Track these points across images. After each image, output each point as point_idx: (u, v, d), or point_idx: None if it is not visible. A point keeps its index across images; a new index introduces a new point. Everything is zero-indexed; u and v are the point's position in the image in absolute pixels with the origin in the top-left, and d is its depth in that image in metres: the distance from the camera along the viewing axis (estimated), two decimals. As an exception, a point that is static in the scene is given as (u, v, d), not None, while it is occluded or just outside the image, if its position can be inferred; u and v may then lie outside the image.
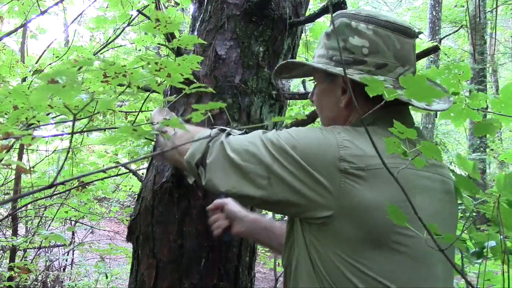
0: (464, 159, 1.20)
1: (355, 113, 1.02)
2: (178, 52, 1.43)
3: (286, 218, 1.27)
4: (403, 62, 1.00)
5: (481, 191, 1.03)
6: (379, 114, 0.95)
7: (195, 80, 1.34)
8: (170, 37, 1.30)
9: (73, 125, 0.72)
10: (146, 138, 1.11)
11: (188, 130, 1.00)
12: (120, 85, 0.78)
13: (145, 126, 0.87)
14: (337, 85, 1.03)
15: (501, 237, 1.10)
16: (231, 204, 1.33)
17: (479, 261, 1.47)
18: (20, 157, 3.87)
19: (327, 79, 1.05)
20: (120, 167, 2.47)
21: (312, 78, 1.17)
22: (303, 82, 1.31)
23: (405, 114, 1.04)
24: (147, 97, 0.93)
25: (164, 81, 0.84)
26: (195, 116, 0.90)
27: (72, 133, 0.73)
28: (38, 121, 0.73)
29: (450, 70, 1.40)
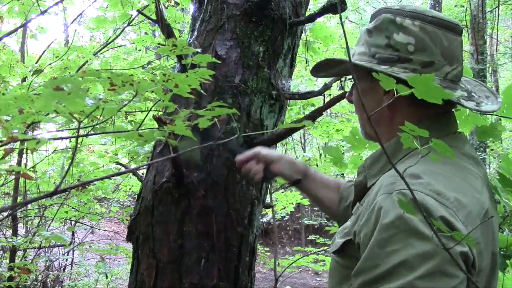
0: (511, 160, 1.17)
1: (399, 116, 0.95)
2: (183, 68, 1.43)
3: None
4: (451, 60, 0.95)
5: None
6: (431, 123, 0.92)
7: (202, 91, 1.33)
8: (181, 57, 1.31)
9: (78, 131, 0.72)
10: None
11: (194, 139, 0.94)
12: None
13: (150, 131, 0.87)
14: (379, 85, 0.97)
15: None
16: (264, 149, 1.33)
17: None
18: (20, 157, 3.87)
19: (369, 78, 0.98)
20: (120, 167, 2.47)
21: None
22: (341, 82, 1.27)
23: (453, 119, 0.98)
24: (154, 104, 0.93)
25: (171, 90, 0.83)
26: (202, 122, 0.90)
27: (77, 136, 0.73)
28: (40, 121, 0.73)
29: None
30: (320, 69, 1.12)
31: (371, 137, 1.08)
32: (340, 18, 0.67)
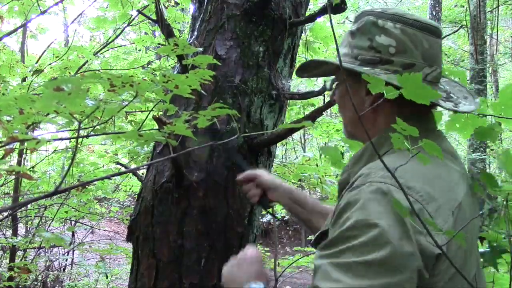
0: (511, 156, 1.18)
1: (381, 115, 0.98)
2: (184, 68, 1.43)
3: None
4: (431, 62, 0.97)
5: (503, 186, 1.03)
6: (410, 121, 0.93)
7: (202, 91, 1.33)
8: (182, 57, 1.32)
9: (78, 132, 0.72)
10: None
11: (194, 138, 0.94)
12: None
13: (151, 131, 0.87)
14: (361, 86, 0.97)
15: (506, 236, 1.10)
16: (265, 174, 1.34)
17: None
18: (20, 157, 3.87)
19: (351, 79, 1.00)
20: (120, 167, 2.47)
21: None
22: (325, 83, 1.29)
23: (432, 118, 1.01)
24: (155, 105, 0.92)
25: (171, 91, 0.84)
26: (201, 122, 0.90)
27: (78, 137, 0.73)
28: (40, 122, 0.74)
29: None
30: (304, 70, 1.14)
31: (353, 136, 1.10)
32: (330, 20, 0.68)
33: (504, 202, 1.04)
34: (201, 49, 1.52)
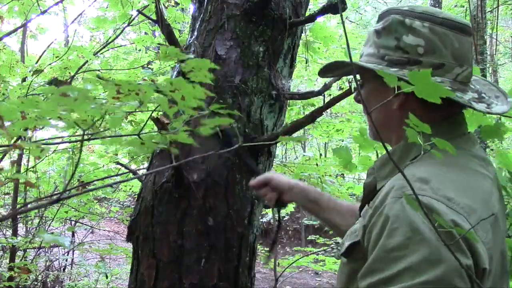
0: (505, 154, 1.15)
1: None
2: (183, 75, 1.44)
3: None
4: (461, 62, 0.93)
5: None
6: (441, 125, 0.90)
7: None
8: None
9: (82, 141, 0.72)
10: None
11: (195, 144, 0.95)
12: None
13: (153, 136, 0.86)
14: (389, 87, 0.92)
15: None
16: (277, 176, 1.32)
17: None
18: (20, 157, 3.87)
19: (378, 79, 0.95)
20: (120, 167, 2.48)
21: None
22: (349, 82, 1.28)
23: (463, 121, 0.96)
24: (155, 108, 0.92)
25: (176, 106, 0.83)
26: (203, 130, 0.89)
27: (81, 140, 0.73)
28: (43, 127, 0.73)
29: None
30: (327, 71, 1.11)
31: (380, 139, 1.08)
32: (342, 17, 0.67)
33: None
34: (192, 55, 1.52)
